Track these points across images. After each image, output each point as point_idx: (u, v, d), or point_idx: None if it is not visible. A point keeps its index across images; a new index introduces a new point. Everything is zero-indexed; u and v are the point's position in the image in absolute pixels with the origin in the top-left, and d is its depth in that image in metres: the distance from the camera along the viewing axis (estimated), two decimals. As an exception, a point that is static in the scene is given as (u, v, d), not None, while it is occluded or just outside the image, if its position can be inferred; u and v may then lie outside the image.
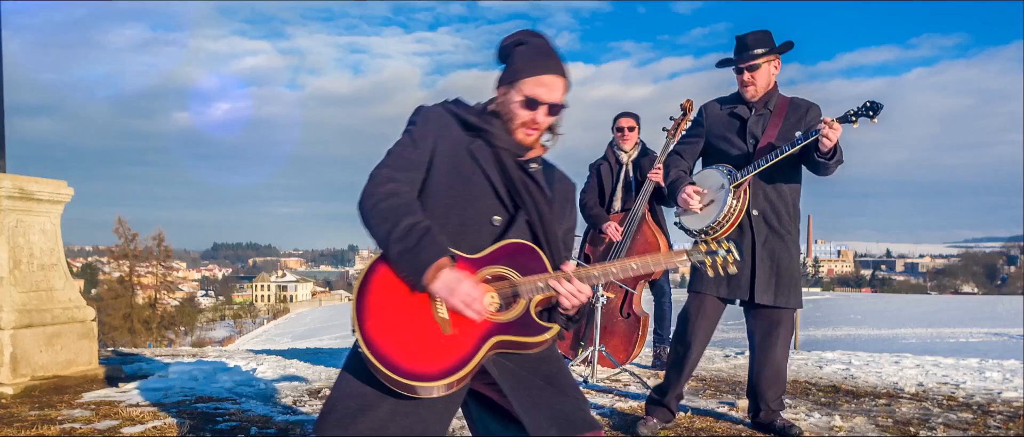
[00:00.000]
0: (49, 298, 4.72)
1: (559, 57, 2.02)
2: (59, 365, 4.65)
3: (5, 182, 4.48)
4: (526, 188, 1.98)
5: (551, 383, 1.94)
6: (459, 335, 1.85)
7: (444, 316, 1.86)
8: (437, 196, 1.97)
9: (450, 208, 1.97)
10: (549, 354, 1.99)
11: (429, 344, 1.83)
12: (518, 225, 1.98)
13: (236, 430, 3.52)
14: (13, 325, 4.38)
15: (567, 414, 1.89)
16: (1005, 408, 4.37)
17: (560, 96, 2.01)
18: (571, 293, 1.90)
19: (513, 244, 1.95)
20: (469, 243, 1.95)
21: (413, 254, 1.82)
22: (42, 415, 3.70)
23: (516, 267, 1.92)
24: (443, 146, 1.98)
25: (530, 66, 1.98)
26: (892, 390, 4.93)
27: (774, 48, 3.53)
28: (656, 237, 5.40)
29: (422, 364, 1.81)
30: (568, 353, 5.61)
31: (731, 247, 2.06)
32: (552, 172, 2.15)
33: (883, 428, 3.80)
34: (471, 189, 1.98)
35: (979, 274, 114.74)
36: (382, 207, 1.88)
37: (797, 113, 3.53)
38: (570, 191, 2.18)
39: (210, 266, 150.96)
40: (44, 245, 4.78)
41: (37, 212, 4.74)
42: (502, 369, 1.93)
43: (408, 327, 1.85)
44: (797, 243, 3.61)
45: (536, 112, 1.98)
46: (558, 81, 1.99)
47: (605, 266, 1.95)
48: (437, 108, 2.04)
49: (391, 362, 1.80)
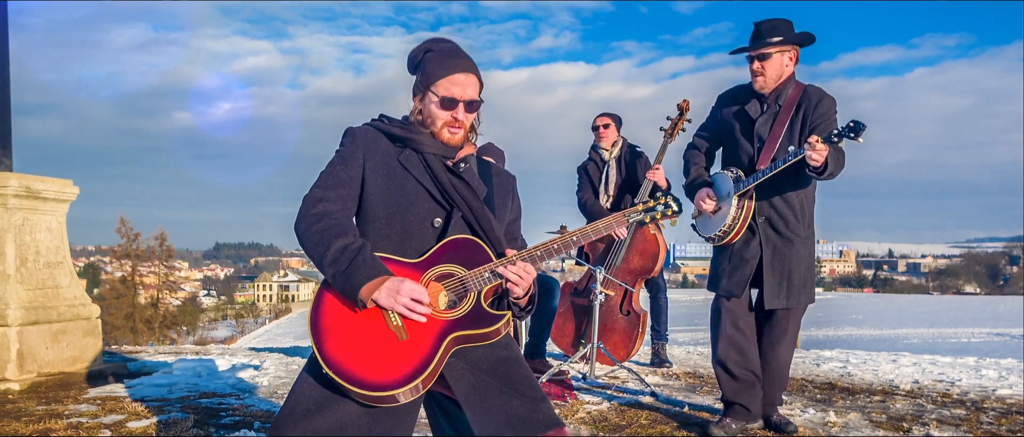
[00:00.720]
0: (55, 295, 4.79)
1: (468, 57, 2.11)
2: (65, 362, 4.71)
3: (12, 181, 4.54)
4: (454, 187, 2.06)
5: (507, 383, 1.97)
6: (415, 339, 1.91)
7: (397, 323, 1.91)
8: (376, 207, 2.04)
9: (391, 217, 2.04)
10: (506, 354, 2.03)
11: (388, 353, 1.89)
12: (456, 223, 2.05)
13: (239, 425, 3.58)
14: (20, 322, 4.44)
15: (522, 417, 1.92)
16: (999, 405, 4.41)
17: (475, 92, 2.10)
18: (517, 274, 1.97)
19: (454, 240, 2.02)
20: (414, 247, 2.03)
21: (345, 276, 1.89)
22: (49, 410, 3.76)
23: (461, 262, 1.99)
24: (373, 160, 2.06)
25: (441, 68, 2.07)
26: (887, 387, 4.97)
27: (790, 37, 3.39)
28: (656, 235, 5.46)
29: (385, 373, 1.86)
30: (568, 350, 5.66)
31: (669, 199, 2.17)
32: (488, 168, 2.23)
33: (877, 424, 3.85)
34: (407, 196, 2.05)
35: (981, 274, 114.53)
36: (314, 230, 1.96)
37: (806, 106, 3.40)
38: (509, 183, 2.25)
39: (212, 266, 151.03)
40: (50, 243, 4.85)
41: (43, 211, 4.81)
42: (458, 376, 1.97)
43: (365, 340, 1.90)
44: (808, 243, 3.58)
45: (455, 110, 2.07)
46: (470, 78, 2.08)
47: (545, 244, 2.04)
48: (363, 126, 2.13)
49: (355, 377, 1.86)
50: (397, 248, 2.02)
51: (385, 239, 2.03)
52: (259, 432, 3.44)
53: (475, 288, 1.97)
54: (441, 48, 2.11)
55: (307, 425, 1.88)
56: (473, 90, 2.09)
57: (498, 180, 2.22)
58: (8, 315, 4.41)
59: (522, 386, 1.97)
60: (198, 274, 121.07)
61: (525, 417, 1.92)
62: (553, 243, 2.03)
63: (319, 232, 1.94)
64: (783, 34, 3.39)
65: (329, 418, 1.89)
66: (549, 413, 1.95)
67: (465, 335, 1.94)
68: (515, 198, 2.26)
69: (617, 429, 3.67)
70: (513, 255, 1.99)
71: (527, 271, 1.98)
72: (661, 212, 2.16)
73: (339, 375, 1.86)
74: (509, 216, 2.22)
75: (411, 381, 1.86)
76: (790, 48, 3.43)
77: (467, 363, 1.98)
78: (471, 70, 2.09)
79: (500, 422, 1.91)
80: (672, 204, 2.16)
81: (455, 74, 2.06)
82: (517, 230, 2.27)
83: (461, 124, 2.08)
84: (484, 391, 1.95)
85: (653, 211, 2.16)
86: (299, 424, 1.89)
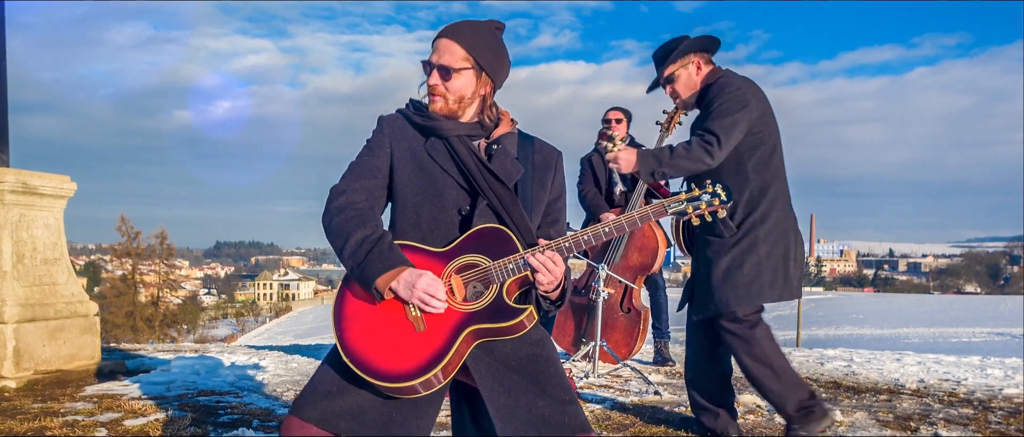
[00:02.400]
0: (52, 292, 4.74)
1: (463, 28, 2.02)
2: (62, 359, 4.67)
3: (8, 176, 4.50)
4: (481, 174, 1.99)
5: (535, 382, 1.92)
6: (432, 331, 1.87)
7: (416, 314, 1.88)
8: (406, 196, 2.01)
9: (419, 206, 2.00)
10: (538, 352, 1.96)
11: (405, 344, 1.87)
12: (482, 211, 1.99)
13: (238, 423, 3.53)
14: (16, 319, 4.40)
15: (546, 418, 1.87)
16: (1006, 404, 4.37)
17: (451, 60, 1.99)
18: (543, 264, 1.87)
19: (480, 230, 1.95)
20: (443, 236, 1.98)
21: (362, 267, 1.86)
22: (45, 407, 3.71)
23: (487, 252, 1.93)
24: (400, 148, 2.02)
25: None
26: (893, 386, 4.93)
27: (685, 50, 3.28)
28: (654, 230, 5.42)
29: (399, 363, 1.84)
30: (569, 349, 5.62)
31: (718, 188, 1.98)
32: (530, 145, 2.12)
33: (884, 423, 3.80)
34: (434, 184, 2.00)
35: (982, 274, 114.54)
36: (337, 222, 1.93)
37: (707, 102, 3.23)
38: (549, 159, 2.12)
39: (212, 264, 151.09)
40: (47, 240, 4.80)
41: (40, 207, 4.76)
42: (483, 369, 1.92)
43: (384, 330, 1.88)
44: (728, 246, 3.20)
45: (431, 75, 2.01)
46: (448, 44, 2.00)
47: (575, 234, 1.93)
48: (393, 114, 2.09)
49: (371, 366, 1.84)
50: (426, 237, 1.98)
51: (414, 228, 1.99)
52: (257, 430, 3.39)
53: (498, 280, 1.90)
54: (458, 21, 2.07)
55: (326, 406, 1.87)
56: (450, 57, 1.99)
57: (540, 157, 2.10)
58: (4, 312, 4.36)
59: (551, 386, 1.92)
60: (198, 273, 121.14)
61: (549, 419, 1.87)
62: (583, 233, 1.92)
63: (341, 224, 1.92)
64: (677, 50, 3.29)
65: (348, 400, 1.88)
66: (576, 417, 1.88)
67: (484, 328, 1.88)
68: (558, 175, 2.13)
69: (621, 428, 3.62)
70: (542, 245, 1.91)
71: (554, 261, 1.88)
72: (707, 202, 1.97)
73: (355, 363, 1.85)
74: (550, 196, 2.10)
75: (424, 373, 1.83)
76: (689, 59, 3.30)
77: (495, 358, 1.93)
78: (450, 35, 2.00)
79: (523, 421, 1.86)
80: (721, 193, 1.97)
81: (436, 40, 2.02)
82: (559, 211, 2.14)
83: (435, 89, 2.01)
84: (510, 388, 1.90)
85: (698, 201, 1.97)
86: (319, 404, 1.88)
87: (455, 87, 2.01)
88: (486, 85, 2.05)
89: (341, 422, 1.86)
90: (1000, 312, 30.64)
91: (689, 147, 3.09)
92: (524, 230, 1.97)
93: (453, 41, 2.00)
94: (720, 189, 1.98)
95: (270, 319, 66.81)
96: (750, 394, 4.36)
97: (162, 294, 49.49)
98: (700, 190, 1.99)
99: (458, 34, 2.01)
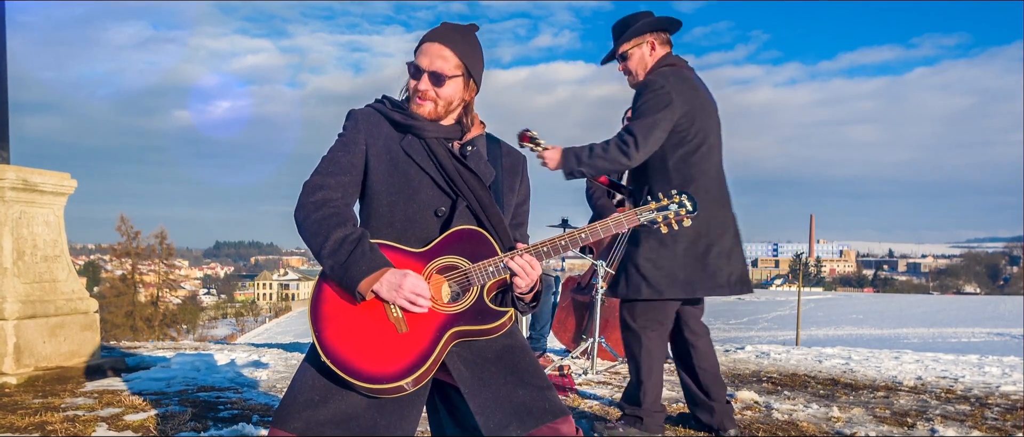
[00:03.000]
0: (52, 289, 4.75)
1: (455, 33, 2.00)
2: (62, 356, 4.68)
3: (9, 173, 4.51)
4: (460, 175, 1.98)
5: (512, 372, 1.93)
6: (415, 332, 1.86)
7: (398, 315, 1.87)
8: (380, 194, 1.98)
9: (394, 204, 1.98)
10: (511, 343, 1.98)
11: (387, 345, 1.85)
12: (461, 212, 1.98)
13: (238, 418, 3.54)
14: (17, 316, 4.41)
15: (528, 406, 1.88)
16: (1003, 401, 4.38)
17: (445, 67, 1.96)
18: (523, 268, 1.89)
19: (459, 231, 1.95)
20: (417, 236, 1.97)
21: (344, 268, 1.83)
22: (45, 402, 3.73)
23: (465, 254, 1.92)
24: (376, 145, 1.99)
25: (421, 41, 2.01)
26: (891, 383, 4.95)
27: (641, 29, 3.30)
28: (656, 230, 5.43)
29: (382, 365, 1.82)
30: (570, 345, 5.63)
31: (684, 198, 2.05)
32: (498, 147, 2.13)
33: (881, 419, 3.82)
34: (411, 183, 1.98)
35: (981, 274, 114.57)
36: (313, 219, 1.89)
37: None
38: (517, 163, 2.14)
39: (212, 264, 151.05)
40: (47, 237, 4.81)
41: (41, 204, 4.77)
42: (461, 365, 1.92)
43: (365, 331, 1.86)
44: (647, 238, 3.27)
45: (419, 80, 1.98)
46: (437, 48, 1.97)
47: (552, 240, 1.95)
48: (366, 109, 2.06)
49: (352, 368, 1.82)
50: (400, 236, 1.96)
51: (388, 226, 1.97)
52: (257, 426, 3.41)
53: (478, 282, 1.91)
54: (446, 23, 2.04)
55: (311, 416, 1.83)
56: (443, 63, 1.97)
57: (507, 160, 2.12)
58: (5, 309, 4.37)
59: (527, 375, 1.93)
60: (198, 272, 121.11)
61: (531, 406, 1.87)
62: (560, 239, 1.95)
63: (317, 222, 1.88)
64: (632, 29, 3.32)
65: (332, 408, 1.85)
66: (555, 402, 1.90)
67: (466, 330, 1.89)
68: (524, 179, 2.16)
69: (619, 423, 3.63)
70: (520, 249, 1.92)
71: (532, 265, 1.91)
72: (675, 212, 2.04)
73: (337, 365, 1.82)
74: (516, 198, 2.12)
75: (408, 374, 1.82)
76: (644, 38, 3.33)
77: (470, 352, 1.94)
78: (444, 41, 1.98)
79: (506, 411, 1.86)
80: (686, 203, 2.04)
81: (426, 43, 1.99)
82: (524, 215, 2.17)
83: (424, 95, 1.98)
84: (488, 380, 1.90)
85: (666, 210, 2.04)
86: (302, 414, 1.83)
87: (446, 93, 1.99)
88: (471, 91, 2.05)
89: (326, 430, 1.82)
90: (999, 312, 30.68)
91: (607, 147, 3.18)
92: (502, 232, 1.97)
93: (447, 47, 1.98)
94: (686, 200, 2.04)
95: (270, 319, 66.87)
96: (747, 390, 4.38)
97: (162, 294, 49.50)
98: (668, 200, 2.04)
99: (452, 41, 1.98)
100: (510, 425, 1.85)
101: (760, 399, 4.20)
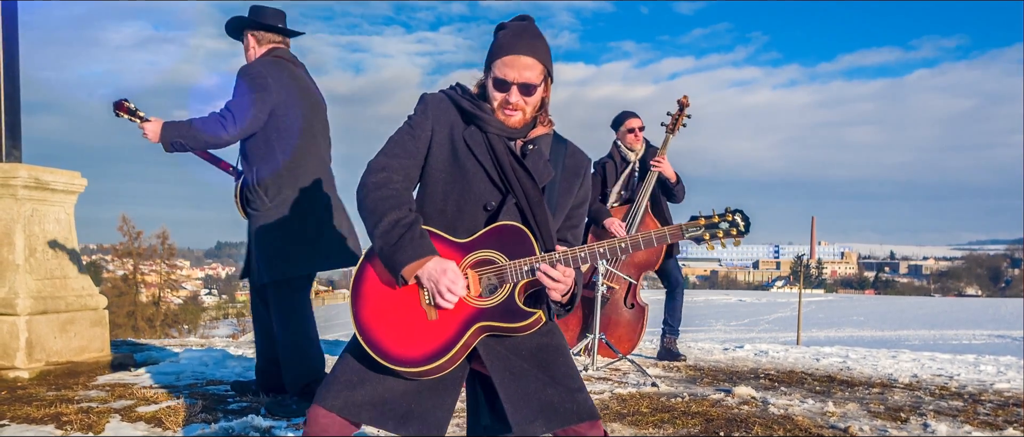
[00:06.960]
0: (63, 286, 4.84)
1: (533, 39, 2.01)
2: (72, 351, 4.77)
3: (21, 172, 4.60)
4: (514, 172, 2.01)
5: (545, 370, 1.96)
6: (443, 321, 1.92)
7: (430, 302, 1.93)
8: (436, 181, 2.03)
9: (448, 193, 2.03)
10: (548, 341, 2.01)
11: (415, 330, 1.92)
12: (508, 209, 2.01)
13: (247, 410, 3.63)
14: (29, 311, 4.50)
15: (555, 405, 1.92)
16: (996, 397, 4.46)
17: (533, 76, 1.99)
18: (554, 279, 1.89)
19: (501, 227, 1.98)
20: (465, 226, 2.01)
21: (392, 250, 1.89)
22: (59, 395, 3.82)
23: (504, 251, 1.95)
24: (441, 132, 2.04)
25: (500, 49, 2.01)
26: (886, 380, 5.02)
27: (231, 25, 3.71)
28: (656, 226, 5.51)
29: (407, 349, 1.90)
30: (571, 342, 5.71)
31: (737, 217, 1.95)
32: (563, 147, 2.13)
33: (874, 414, 3.90)
34: (466, 174, 2.02)
35: (983, 277, 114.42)
36: (372, 198, 1.95)
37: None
38: (580, 165, 2.14)
39: (214, 264, 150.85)
40: (58, 234, 4.90)
41: (52, 202, 4.86)
42: (495, 357, 1.97)
43: (398, 314, 1.94)
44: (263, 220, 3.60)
45: (508, 93, 2.00)
46: (525, 61, 1.98)
47: (591, 247, 1.94)
48: (438, 94, 2.09)
49: (380, 347, 1.91)
50: (449, 225, 2.01)
51: (440, 214, 2.02)
52: (266, 418, 3.49)
53: (512, 280, 1.92)
54: (514, 26, 2.04)
55: (348, 395, 1.92)
56: (531, 73, 1.99)
57: (570, 162, 2.12)
58: (17, 304, 4.46)
59: (560, 375, 1.96)
60: (200, 273, 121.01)
61: (560, 406, 1.92)
62: (599, 246, 1.94)
63: (376, 201, 1.93)
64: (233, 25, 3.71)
65: (369, 390, 1.93)
66: (585, 404, 1.94)
67: (492, 326, 1.92)
68: (585, 182, 2.15)
69: (618, 417, 3.72)
70: (557, 255, 1.92)
71: (566, 275, 1.90)
72: (725, 231, 1.94)
73: (367, 342, 1.92)
74: (574, 201, 2.13)
75: (430, 362, 1.89)
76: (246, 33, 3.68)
77: (505, 347, 1.98)
78: (527, 52, 1.99)
79: (533, 408, 1.91)
80: (739, 223, 1.94)
81: (507, 55, 1.99)
82: (580, 217, 2.17)
83: (515, 106, 2.00)
84: (521, 377, 1.95)
85: (716, 229, 1.94)
86: (341, 394, 1.93)
87: (533, 101, 2.03)
88: (549, 88, 2.10)
89: (363, 412, 1.91)
90: (1000, 315, 30.67)
91: (206, 121, 3.44)
92: (545, 232, 1.99)
93: (533, 58, 1.99)
94: (739, 219, 1.95)
95: (271, 319, 66.69)
96: (745, 386, 4.46)
97: (163, 294, 49.56)
98: (719, 217, 1.97)
99: (533, 49, 2.00)
100: (536, 422, 1.90)
101: (757, 394, 4.28)
